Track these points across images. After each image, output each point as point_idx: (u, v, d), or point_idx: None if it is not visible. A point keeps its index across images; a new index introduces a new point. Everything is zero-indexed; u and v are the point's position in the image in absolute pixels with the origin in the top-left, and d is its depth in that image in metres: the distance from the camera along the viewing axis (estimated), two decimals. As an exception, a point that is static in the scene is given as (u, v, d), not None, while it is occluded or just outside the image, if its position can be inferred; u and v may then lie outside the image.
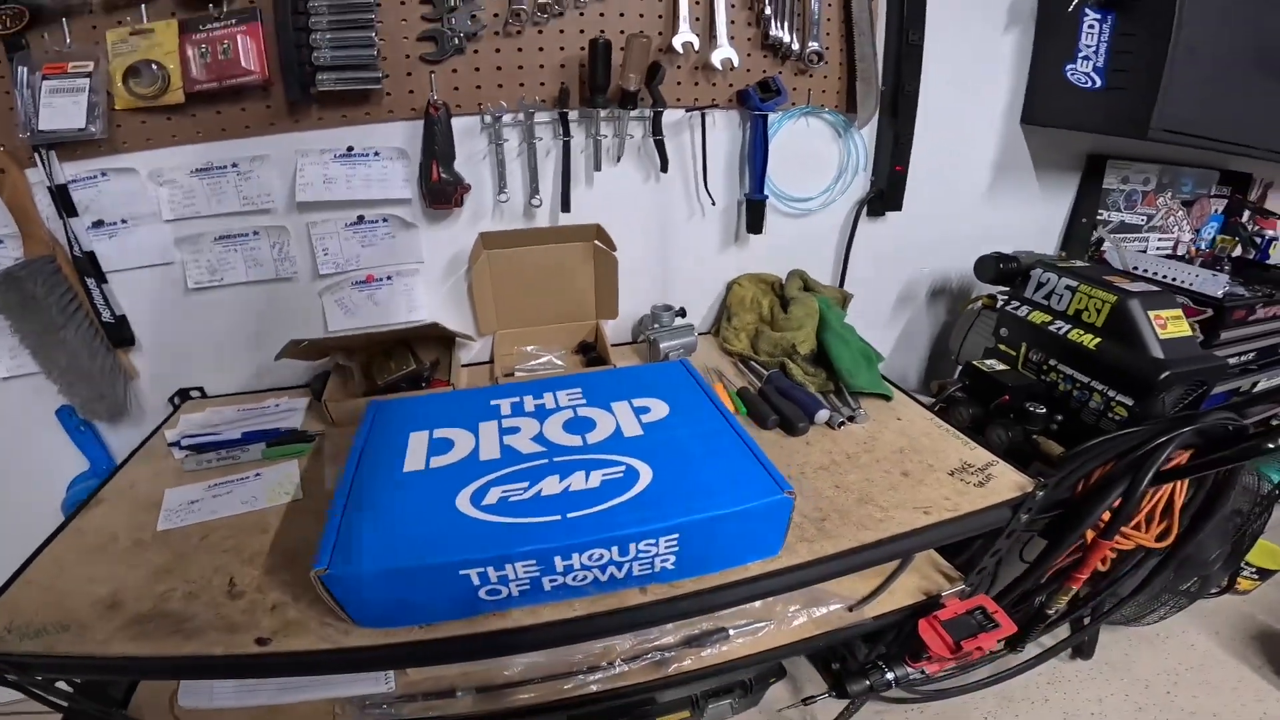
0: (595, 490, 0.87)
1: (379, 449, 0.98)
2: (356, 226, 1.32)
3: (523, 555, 0.79)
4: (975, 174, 1.70)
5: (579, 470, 0.91)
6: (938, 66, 1.49)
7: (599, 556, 0.82)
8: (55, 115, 1.10)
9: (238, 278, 1.32)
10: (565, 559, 0.80)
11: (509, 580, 0.81)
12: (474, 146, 1.31)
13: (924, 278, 1.81)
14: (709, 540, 0.87)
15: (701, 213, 1.51)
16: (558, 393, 1.11)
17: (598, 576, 0.85)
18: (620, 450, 0.95)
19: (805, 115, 1.47)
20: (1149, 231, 1.87)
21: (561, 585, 0.84)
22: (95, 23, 1.10)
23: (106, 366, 1.30)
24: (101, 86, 1.12)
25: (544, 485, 0.88)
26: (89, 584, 0.89)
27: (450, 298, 1.45)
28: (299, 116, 1.21)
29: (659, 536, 0.83)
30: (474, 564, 0.78)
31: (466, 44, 1.22)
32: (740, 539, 0.90)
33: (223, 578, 0.90)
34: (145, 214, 1.24)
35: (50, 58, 1.10)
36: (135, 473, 1.16)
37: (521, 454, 0.95)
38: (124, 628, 0.82)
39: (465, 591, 0.80)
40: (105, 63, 1.11)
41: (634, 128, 1.36)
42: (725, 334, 1.53)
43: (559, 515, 0.82)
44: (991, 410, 1.42)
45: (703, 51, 1.34)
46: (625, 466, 0.92)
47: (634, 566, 0.86)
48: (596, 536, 0.80)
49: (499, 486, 0.88)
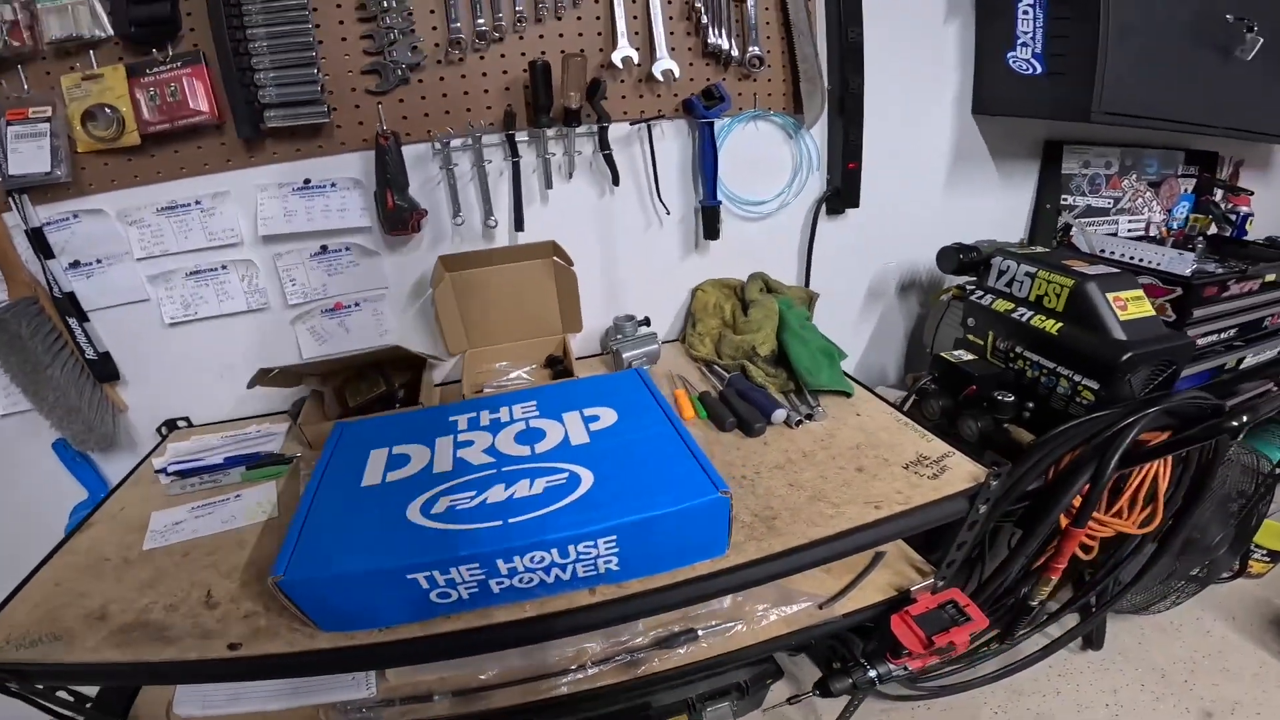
0: (537, 496, 0.86)
1: (340, 466, 0.98)
2: (321, 256, 1.30)
3: (465, 559, 0.78)
4: (932, 166, 1.64)
5: (524, 479, 0.90)
6: (882, 62, 1.44)
7: (540, 559, 0.81)
8: (22, 160, 1.10)
9: (211, 311, 1.30)
10: (507, 561, 0.80)
11: (456, 584, 0.80)
12: (427, 172, 1.29)
13: (891, 272, 1.74)
14: (648, 541, 0.85)
15: (659, 223, 1.47)
16: (513, 406, 1.09)
17: (543, 579, 0.84)
18: (565, 458, 0.94)
19: (753, 119, 1.43)
20: (1118, 214, 1.79)
21: (509, 588, 0.84)
22: (49, 68, 1.10)
23: (95, 401, 1.30)
24: (62, 130, 1.12)
25: (490, 494, 0.87)
26: (80, 599, 0.91)
27: (419, 320, 1.42)
28: (254, 153, 1.20)
29: (597, 538, 0.82)
30: (420, 568, 0.78)
31: (410, 74, 1.20)
32: (681, 539, 0.88)
33: (200, 590, 0.91)
34: (118, 253, 1.23)
35: (10, 103, 1.09)
36: (125, 497, 1.16)
37: (472, 465, 0.95)
38: (109, 637, 0.84)
39: (416, 595, 0.80)
40: (63, 107, 1.11)
41: (583, 144, 1.33)
42: (690, 340, 1.49)
43: (500, 521, 0.82)
44: (961, 401, 1.36)
45: (644, 65, 1.30)
46: (568, 473, 0.91)
47: (578, 568, 0.84)
48: (535, 539, 0.80)
49: (448, 496, 0.88)
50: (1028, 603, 1.41)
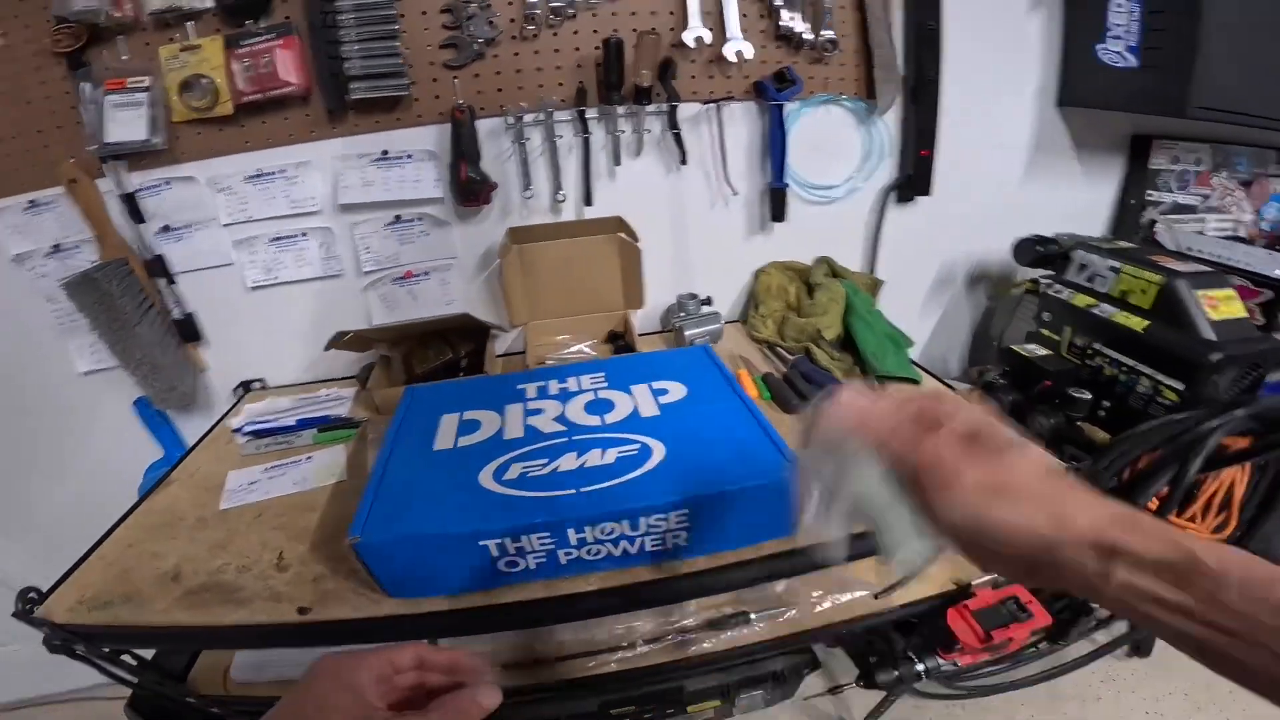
0: (609, 466, 0.84)
1: (412, 430, 0.97)
2: (394, 226, 1.32)
3: (538, 527, 0.77)
4: (1010, 157, 1.56)
5: (596, 448, 0.88)
6: (961, 51, 1.38)
7: (610, 530, 0.79)
8: (120, 128, 1.14)
9: (290, 276, 1.33)
10: (579, 532, 0.78)
11: (526, 552, 0.79)
12: (499, 146, 1.29)
13: (960, 263, 1.67)
14: (719, 516, 0.82)
15: (724, 202, 1.44)
16: (581, 377, 1.08)
17: (611, 551, 0.82)
18: (636, 430, 0.92)
19: (824, 104, 1.39)
20: (1206, 212, 1.68)
21: (576, 559, 0.81)
22: (148, 40, 1.13)
23: (178, 360, 1.34)
24: (159, 100, 1.15)
25: (561, 462, 0.86)
26: (153, 559, 0.91)
27: (484, 291, 1.43)
28: (337, 124, 1.22)
29: (669, 511, 0.79)
30: (492, 534, 0.76)
31: (486, 49, 1.20)
32: (753, 516, 0.84)
33: (272, 552, 0.91)
34: (206, 219, 1.27)
35: (110, 74, 1.13)
36: (202, 457, 1.18)
37: (543, 433, 0.93)
38: (181, 599, 0.84)
39: (485, 562, 0.79)
40: (160, 78, 1.14)
41: (652, 122, 1.31)
42: (753, 322, 1.45)
43: (574, 489, 0.80)
44: (1033, 396, 1.30)
45: (714, 45, 1.28)
46: (639, 444, 0.88)
47: (646, 542, 0.82)
48: (608, 509, 0.78)
49: (520, 463, 0.86)
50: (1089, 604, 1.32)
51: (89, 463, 1.45)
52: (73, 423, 1.43)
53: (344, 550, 0.84)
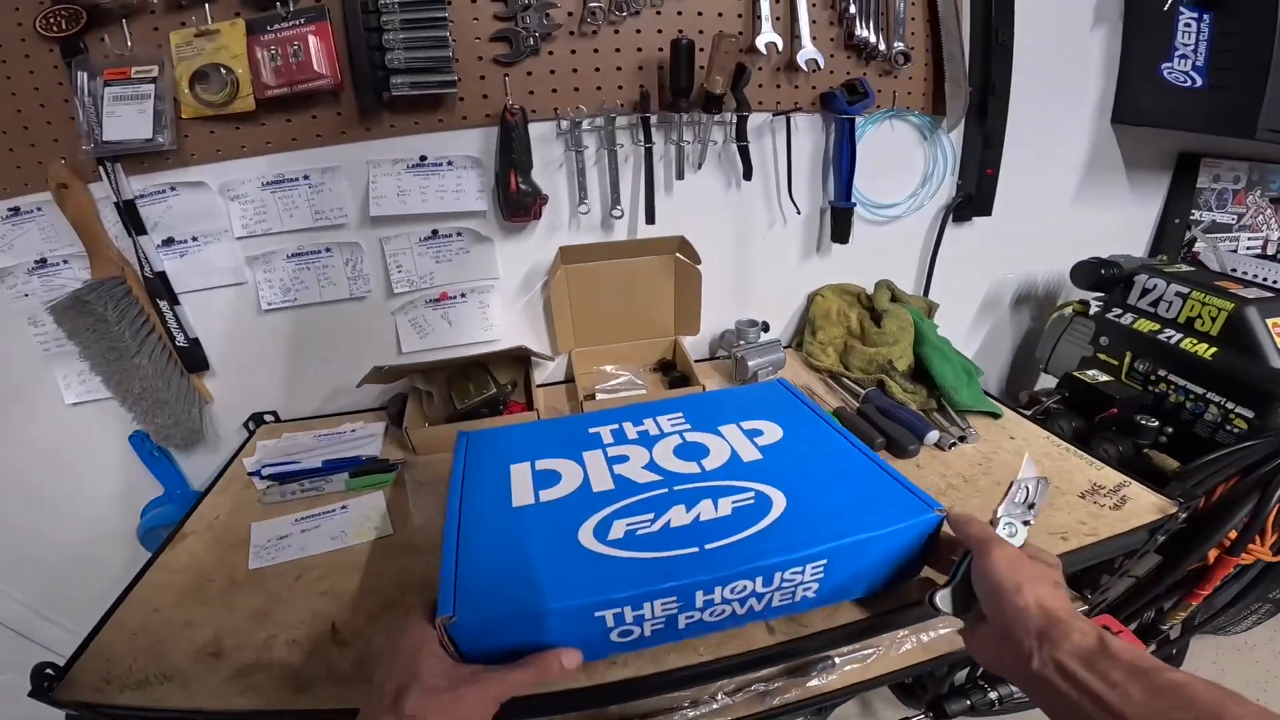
0: (727, 519, 0.72)
1: (479, 483, 0.82)
2: (430, 241, 1.16)
3: (663, 592, 0.64)
4: (1065, 176, 1.49)
5: (705, 498, 0.75)
6: (1025, 66, 1.30)
7: (742, 589, 0.67)
8: (120, 125, 0.96)
9: (311, 298, 1.16)
10: (707, 593, 0.66)
11: (644, 620, 0.66)
12: (549, 154, 1.15)
13: (1009, 284, 1.60)
14: (856, 565, 0.71)
15: (783, 221, 1.32)
16: (659, 418, 0.94)
17: (735, 610, 0.69)
18: (742, 475, 0.79)
19: (890, 118, 1.29)
20: (1239, 231, 1.65)
21: (697, 621, 0.69)
22: (157, 24, 0.96)
23: (182, 392, 1.15)
24: (167, 93, 0.97)
25: (671, 515, 0.73)
26: (186, 628, 0.76)
27: (525, 315, 1.28)
28: (370, 124, 1.06)
29: (806, 564, 0.68)
30: (612, 604, 0.63)
31: (541, 44, 1.06)
32: (887, 563, 0.74)
33: (323, 623, 0.76)
34: (216, 231, 1.09)
35: (111, 62, 0.95)
36: (217, 503, 1.01)
37: (637, 484, 0.79)
38: (232, 680, 0.69)
39: (598, 634, 0.66)
40: (170, 67, 0.97)
41: (715, 133, 1.19)
42: (810, 349, 1.34)
43: (696, 547, 0.67)
44: (1096, 424, 1.24)
45: (785, 52, 1.17)
46: (754, 492, 0.76)
47: (775, 597, 0.70)
48: (740, 568, 0.66)
49: (622, 519, 0.72)
50: (1158, 626, 1.30)
51: (81, 501, 1.25)
52: (62, 458, 1.23)
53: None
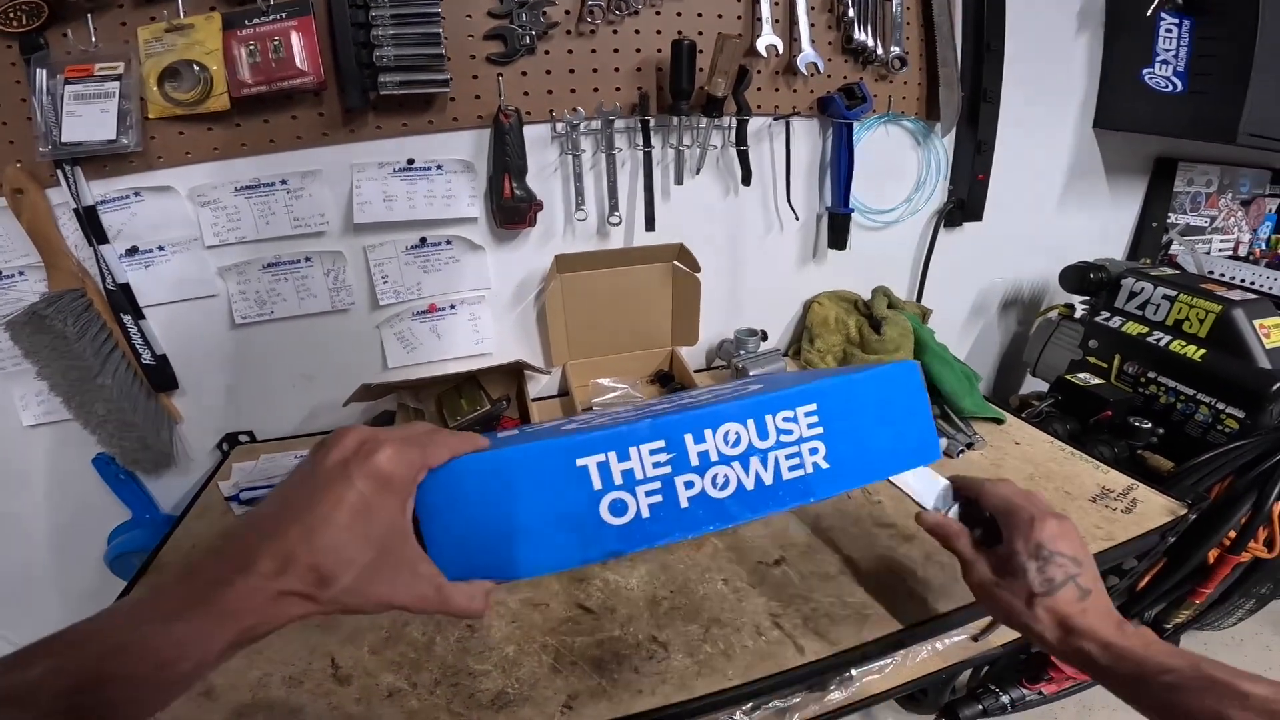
0: (721, 396, 0.65)
1: None
2: (418, 250, 1.08)
3: (649, 435, 0.54)
4: (1050, 180, 1.49)
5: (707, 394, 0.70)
6: (1013, 71, 1.28)
7: (735, 436, 0.57)
8: (80, 126, 0.87)
9: (289, 311, 1.07)
10: (698, 440, 0.56)
11: (635, 481, 0.54)
12: (544, 158, 1.08)
13: (997, 289, 1.58)
14: (854, 420, 0.62)
15: (780, 228, 1.28)
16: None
17: (741, 478, 0.58)
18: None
19: (885, 122, 1.25)
20: (1212, 233, 1.67)
21: (701, 495, 0.57)
22: (125, 18, 0.87)
23: (150, 413, 1.05)
24: (133, 92, 0.88)
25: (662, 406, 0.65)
26: None
27: (518, 327, 1.21)
28: (355, 126, 0.98)
29: (795, 405, 0.59)
30: (591, 446, 0.53)
31: (537, 43, 1.00)
32: (888, 425, 0.64)
33: (322, 659, 0.69)
34: (185, 239, 0.99)
35: (74, 59, 0.86)
36: (193, 530, 0.92)
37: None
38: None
39: (583, 503, 0.53)
40: (137, 64, 0.88)
41: (714, 137, 1.14)
42: (808, 356, 1.30)
43: (676, 407, 0.60)
44: (1091, 426, 1.24)
45: (784, 56, 1.13)
46: (757, 385, 0.71)
47: (780, 461, 0.59)
48: (723, 406, 0.57)
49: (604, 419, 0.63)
50: (1162, 626, 1.33)
51: (42, 525, 1.13)
52: (21, 482, 1.10)
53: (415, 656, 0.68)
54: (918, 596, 0.76)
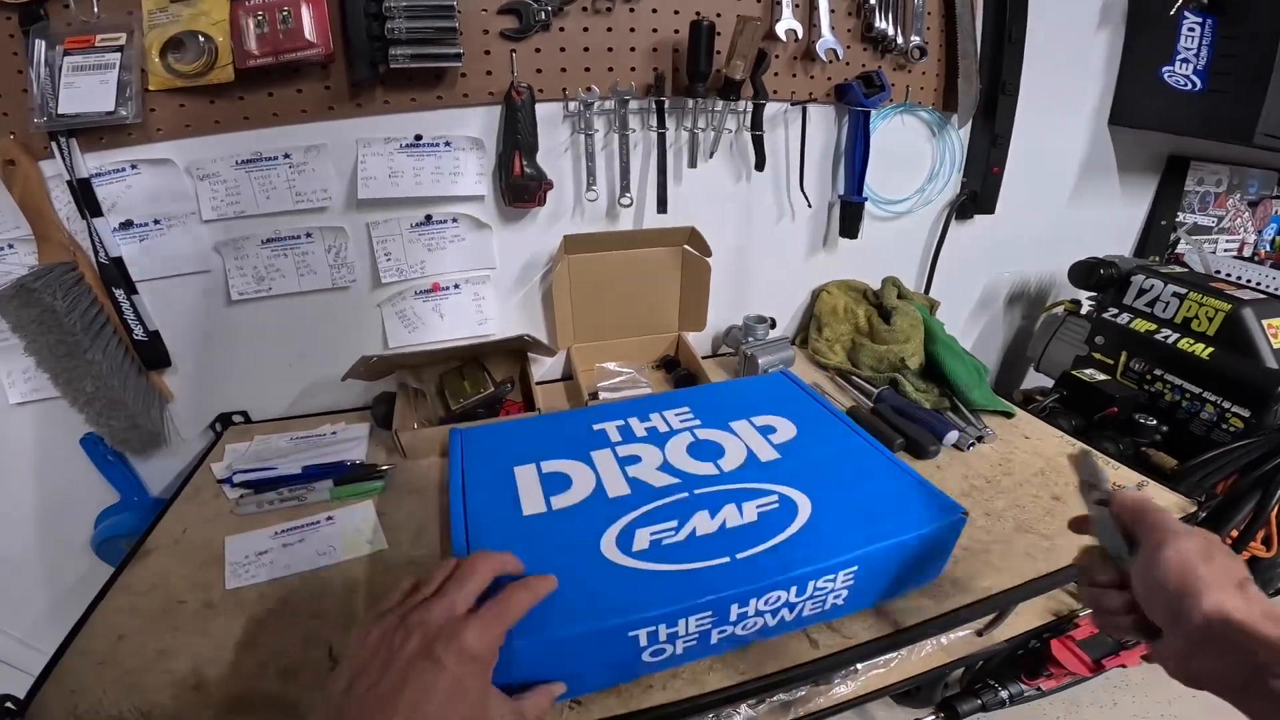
0: (754, 525, 0.68)
1: (482, 488, 0.74)
2: (423, 227, 1.05)
3: (700, 607, 0.59)
4: (1063, 175, 1.47)
5: (728, 503, 0.70)
6: (1032, 64, 1.27)
7: (776, 599, 0.62)
8: (78, 97, 0.83)
9: (288, 288, 1.04)
10: (742, 605, 0.61)
11: (678, 637, 0.60)
12: (555, 137, 1.05)
13: (1004, 282, 1.58)
14: (885, 569, 0.68)
15: (792, 215, 1.26)
16: (665, 413, 0.88)
17: (767, 622, 0.65)
18: (763, 477, 0.75)
19: (901, 112, 1.23)
20: (1219, 233, 1.67)
21: (730, 636, 0.64)
22: (125, -12, 0.84)
23: (140, 391, 1.02)
24: (134, 63, 0.85)
25: (696, 523, 0.68)
26: (160, 658, 0.66)
27: (522, 308, 1.18)
28: (362, 100, 0.95)
29: (839, 570, 0.64)
30: (646, 623, 0.58)
31: (552, 20, 0.97)
32: (914, 566, 0.71)
33: (319, 649, 0.67)
34: (182, 213, 0.96)
35: (74, 30, 0.83)
36: (184, 514, 0.89)
37: (654, 488, 0.74)
38: (222, 714, 0.60)
39: (629, 654, 0.60)
40: (140, 35, 0.84)
41: (729, 120, 1.11)
42: (816, 346, 1.28)
43: (728, 557, 0.63)
44: (1096, 422, 1.23)
45: (803, 41, 1.10)
46: (777, 495, 0.72)
47: (806, 606, 0.65)
48: (775, 578, 0.61)
49: (645, 528, 0.67)
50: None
51: (26, 507, 1.10)
52: (6, 462, 1.07)
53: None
54: (928, 590, 0.75)
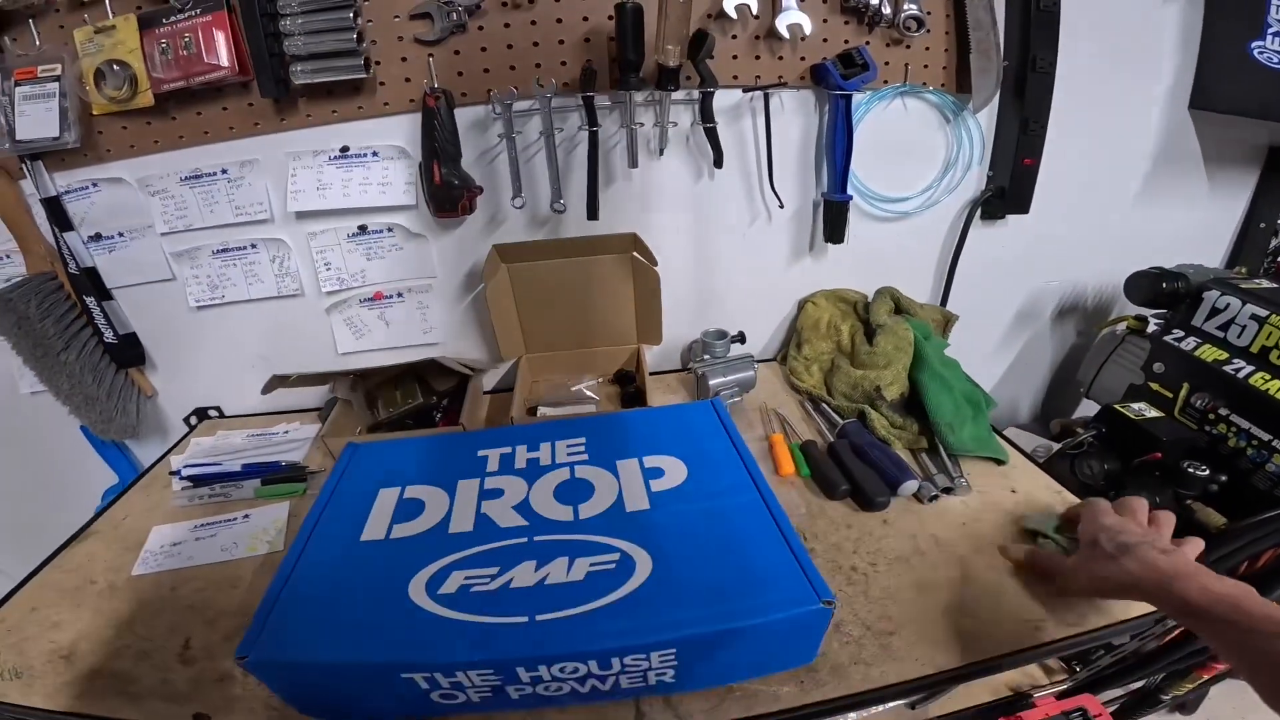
0: (577, 585, 0.62)
1: (342, 506, 0.75)
2: (359, 238, 1.06)
3: (477, 664, 0.56)
4: (1127, 168, 1.21)
5: (561, 556, 0.65)
6: (1078, 37, 1.05)
7: (573, 670, 0.58)
8: (30, 124, 0.92)
9: (240, 295, 1.09)
10: (531, 670, 0.57)
11: (464, 687, 0.58)
12: (485, 142, 1.01)
13: (1051, 293, 1.33)
14: (715, 654, 0.60)
15: (767, 217, 1.13)
16: (556, 444, 0.83)
17: (576, 688, 0.60)
18: (616, 531, 0.68)
19: (900, 95, 1.06)
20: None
21: (530, 695, 0.60)
22: (63, 21, 0.90)
23: (116, 388, 1.12)
24: (72, 91, 0.92)
25: (516, 574, 0.64)
26: (52, 630, 0.75)
27: (469, 316, 1.16)
28: (285, 114, 0.96)
29: (649, 652, 0.57)
30: (418, 668, 0.56)
31: (468, 19, 0.92)
32: (760, 651, 0.62)
33: (179, 638, 0.73)
34: (140, 226, 1.04)
35: (22, 62, 0.90)
36: (134, 503, 0.98)
37: (499, 528, 0.70)
38: (73, 682, 0.69)
39: (415, 694, 0.59)
40: (74, 65, 0.91)
41: (679, 113, 1.01)
42: (793, 364, 1.15)
43: (526, 617, 0.59)
44: (1134, 468, 0.99)
45: (763, 17, 0.97)
46: (619, 553, 0.65)
47: (621, 680, 0.60)
48: (569, 650, 0.57)
49: (462, 570, 0.64)
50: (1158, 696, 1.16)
51: (45, 485, 1.27)
52: (25, 446, 1.24)
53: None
54: (798, 674, 0.66)
